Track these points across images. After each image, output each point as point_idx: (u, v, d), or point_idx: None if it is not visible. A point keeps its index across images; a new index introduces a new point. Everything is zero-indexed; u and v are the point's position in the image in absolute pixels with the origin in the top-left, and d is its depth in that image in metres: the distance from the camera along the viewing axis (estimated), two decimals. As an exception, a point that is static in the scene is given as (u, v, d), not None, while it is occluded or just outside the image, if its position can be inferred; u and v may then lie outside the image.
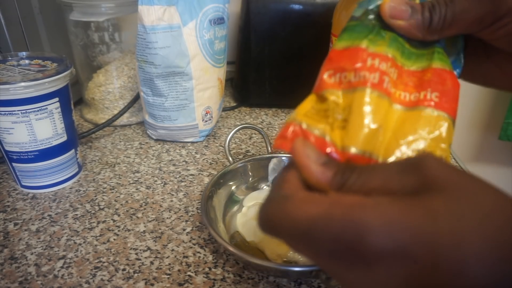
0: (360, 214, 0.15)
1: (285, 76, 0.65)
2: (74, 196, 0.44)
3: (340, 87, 0.22)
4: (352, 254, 0.16)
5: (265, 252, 0.35)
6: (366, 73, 0.21)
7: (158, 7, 0.46)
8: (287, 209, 0.18)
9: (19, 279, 0.33)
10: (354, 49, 0.22)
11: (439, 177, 0.16)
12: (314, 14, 0.60)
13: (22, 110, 0.39)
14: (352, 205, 0.16)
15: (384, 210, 0.15)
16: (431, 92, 0.22)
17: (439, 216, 0.15)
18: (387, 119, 0.21)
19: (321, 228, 0.16)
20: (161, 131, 0.55)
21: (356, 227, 0.15)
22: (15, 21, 0.52)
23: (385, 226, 0.15)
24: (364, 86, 0.21)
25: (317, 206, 0.17)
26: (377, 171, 0.18)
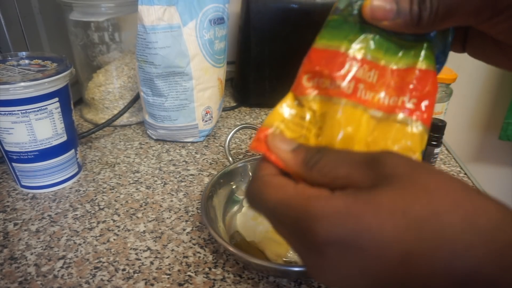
0: (313, 205, 0.17)
1: (285, 76, 0.65)
2: (74, 196, 0.44)
3: (317, 92, 0.22)
4: (306, 239, 0.17)
5: (265, 252, 0.35)
6: (341, 83, 0.21)
7: (158, 7, 0.46)
8: (260, 190, 0.20)
9: (19, 279, 0.33)
10: (333, 52, 0.22)
11: (395, 173, 0.17)
12: (314, 14, 0.60)
13: (22, 110, 0.39)
14: (309, 196, 0.18)
15: (334, 203, 0.17)
16: (409, 98, 0.21)
17: (382, 210, 0.16)
18: (359, 129, 0.21)
19: (282, 212, 0.19)
20: (161, 131, 0.55)
21: (308, 216, 0.17)
22: (15, 21, 0.52)
23: (331, 217, 0.16)
24: (339, 97, 0.21)
25: (282, 192, 0.19)
26: (343, 161, 0.19)
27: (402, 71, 0.22)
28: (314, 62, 0.22)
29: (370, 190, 0.17)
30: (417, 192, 0.16)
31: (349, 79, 0.21)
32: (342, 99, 0.21)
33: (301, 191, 0.19)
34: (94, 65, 0.60)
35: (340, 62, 0.22)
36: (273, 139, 0.22)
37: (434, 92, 0.22)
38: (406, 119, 0.21)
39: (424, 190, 0.16)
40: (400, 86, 0.22)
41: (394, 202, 0.16)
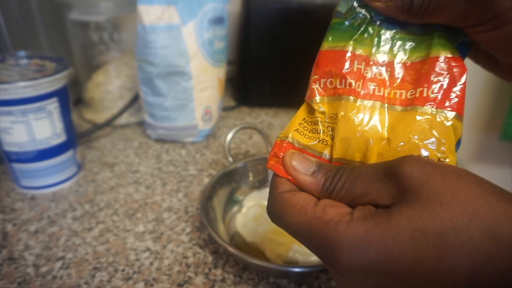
0: (333, 231, 0.17)
1: (285, 76, 0.65)
2: (73, 197, 0.43)
3: (326, 94, 0.22)
4: (329, 262, 0.18)
5: (265, 253, 0.34)
6: (352, 81, 0.21)
7: (158, 7, 0.46)
8: (281, 210, 0.20)
9: (18, 279, 0.32)
10: (340, 52, 0.22)
11: (411, 186, 0.17)
12: (314, 14, 0.60)
13: (21, 110, 0.39)
14: (329, 221, 0.18)
15: (354, 230, 0.17)
16: (427, 88, 0.20)
17: (402, 233, 0.16)
18: (377, 126, 0.21)
19: (304, 235, 0.19)
20: (160, 131, 0.54)
21: (328, 243, 0.17)
22: (14, 21, 0.52)
23: (352, 245, 0.17)
24: (349, 95, 0.21)
25: (302, 215, 0.19)
26: (360, 178, 0.19)
27: (416, 64, 0.21)
28: (321, 64, 0.22)
29: (389, 211, 0.17)
30: (434, 208, 0.16)
31: (359, 76, 0.21)
32: (351, 96, 0.21)
33: (320, 214, 0.18)
34: (93, 65, 0.59)
35: (346, 60, 0.21)
36: (290, 160, 0.21)
37: (460, 76, 0.20)
38: (430, 110, 0.20)
39: (441, 204, 0.16)
40: (416, 78, 0.21)
41: (412, 223, 0.16)
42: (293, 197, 0.20)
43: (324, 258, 0.18)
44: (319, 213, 0.18)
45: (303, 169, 0.21)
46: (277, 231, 0.37)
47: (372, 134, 0.21)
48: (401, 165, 0.17)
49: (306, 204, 0.19)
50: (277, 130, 0.60)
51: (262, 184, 0.43)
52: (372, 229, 0.17)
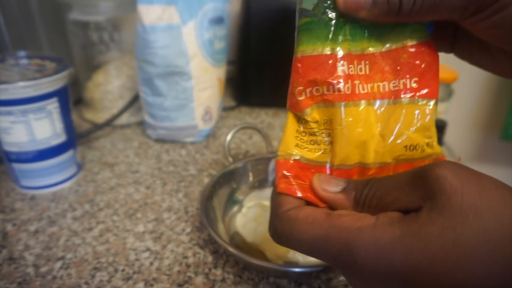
0: (354, 237, 0.17)
1: (285, 76, 0.64)
2: (73, 197, 0.43)
3: (314, 101, 0.21)
4: (349, 270, 0.17)
5: (265, 253, 0.34)
6: (339, 86, 0.20)
7: (158, 7, 0.46)
8: (290, 229, 0.19)
9: (18, 279, 0.32)
10: (320, 56, 0.21)
11: (443, 190, 0.16)
12: (314, 13, 0.60)
13: (21, 110, 0.39)
14: (349, 227, 0.17)
15: (379, 236, 0.16)
16: (410, 78, 0.21)
17: (432, 243, 0.15)
18: (370, 126, 0.21)
19: (320, 248, 0.18)
20: (160, 131, 0.54)
21: (350, 250, 0.17)
22: (14, 20, 0.52)
23: (376, 253, 0.16)
24: (340, 101, 0.21)
25: (317, 227, 0.18)
26: (391, 185, 0.18)
27: (392, 52, 0.21)
28: (303, 73, 0.21)
29: (418, 216, 0.16)
30: (467, 218, 0.15)
31: (344, 79, 0.21)
32: (342, 103, 0.21)
33: (337, 223, 0.18)
34: (93, 65, 0.59)
35: (330, 65, 0.21)
36: (319, 183, 0.20)
37: (434, 61, 0.21)
38: (413, 100, 0.21)
39: (474, 215, 0.15)
40: (395, 68, 0.21)
41: (443, 232, 0.15)
42: (300, 213, 0.19)
43: (345, 267, 0.17)
44: (336, 221, 0.18)
45: (333, 189, 0.20)
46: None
47: (367, 134, 0.21)
48: (434, 168, 0.16)
49: (317, 216, 0.18)
50: (277, 130, 0.60)
51: (262, 184, 0.43)
52: (399, 237, 0.16)
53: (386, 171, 0.21)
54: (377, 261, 0.16)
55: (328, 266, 0.30)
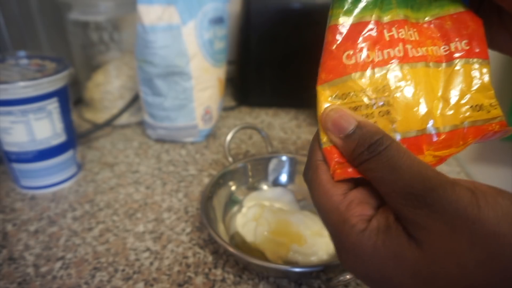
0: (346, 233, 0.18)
1: (285, 76, 0.65)
2: (73, 197, 0.43)
3: (364, 69, 0.20)
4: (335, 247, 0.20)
5: (265, 253, 0.34)
6: (389, 50, 0.20)
7: (158, 7, 0.46)
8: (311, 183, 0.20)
9: (18, 279, 0.32)
10: (366, 23, 0.20)
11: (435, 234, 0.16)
12: (314, 14, 0.60)
13: (21, 110, 0.39)
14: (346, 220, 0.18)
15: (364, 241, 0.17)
16: (459, 41, 0.21)
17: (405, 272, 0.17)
18: (431, 87, 0.20)
19: (321, 215, 0.19)
20: (160, 131, 0.54)
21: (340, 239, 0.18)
22: (14, 21, 0.52)
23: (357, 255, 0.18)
24: (393, 64, 0.20)
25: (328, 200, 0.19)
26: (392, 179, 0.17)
27: (436, 21, 0.21)
28: (351, 37, 0.20)
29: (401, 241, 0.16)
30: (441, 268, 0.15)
31: (395, 42, 0.20)
32: (397, 65, 0.20)
33: (343, 208, 0.18)
34: (93, 65, 0.59)
35: (379, 31, 0.20)
36: (325, 118, 0.20)
37: (479, 27, 0.21)
38: (468, 61, 0.21)
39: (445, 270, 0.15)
40: (444, 34, 0.21)
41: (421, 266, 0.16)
42: (326, 173, 0.19)
43: (334, 242, 0.19)
44: (343, 206, 0.18)
45: (337, 131, 0.19)
46: (277, 231, 0.37)
47: (429, 96, 0.20)
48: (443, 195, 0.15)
49: (336, 188, 0.19)
50: (277, 130, 0.60)
51: (262, 184, 0.44)
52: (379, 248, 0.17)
53: (457, 136, 0.20)
54: (355, 262, 0.18)
55: (328, 266, 0.30)
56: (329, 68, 0.20)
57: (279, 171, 0.44)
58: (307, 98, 0.66)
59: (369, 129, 0.18)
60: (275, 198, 0.41)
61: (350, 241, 0.18)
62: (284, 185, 0.44)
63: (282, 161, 0.44)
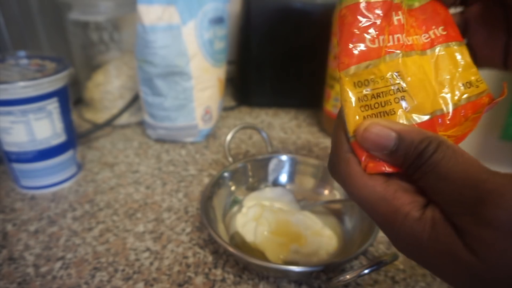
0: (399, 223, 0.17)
1: (285, 76, 0.65)
2: (73, 197, 0.43)
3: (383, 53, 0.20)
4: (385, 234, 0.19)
5: (265, 253, 0.34)
6: (399, 35, 0.20)
7: (158, 7, 0.46)
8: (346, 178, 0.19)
9: (18, 279, 0.32)
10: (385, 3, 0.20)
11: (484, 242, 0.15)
12: (314, 14, 0.60)
13: (21, 110, 0.39)
14: (399, 209, 0.17)
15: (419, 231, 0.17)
16: (436, 28, 0.22)
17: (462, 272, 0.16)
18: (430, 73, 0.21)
19: (368, 209, 0.19)
20: (160, 131, 0.54)
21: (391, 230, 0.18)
22: (14, 21, 0.52)
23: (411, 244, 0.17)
24: (401, 50, 0.20)
25: (371, 192, 0.18)
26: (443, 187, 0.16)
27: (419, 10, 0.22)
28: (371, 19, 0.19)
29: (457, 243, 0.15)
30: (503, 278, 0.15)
31: (399, 29, 0.21)
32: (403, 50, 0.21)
33: (390, 197, 0.18)
34: (93, 65, 0.59)
35: (390, 12, 0.20)
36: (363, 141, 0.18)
37: (447, 14, 0.23)
38: (448, 45, 0.22)
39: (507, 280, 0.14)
40: (423, 22, 0.22)
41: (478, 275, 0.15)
42: (359, 166, 0.19)
43: (386, 233, 0.18)
44: (390, 195, 0.17)
45: (379, 151, 0.18)
46: (277, 231, 0.37)
47: (429, 81, 0.21)
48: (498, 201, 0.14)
49: (375, 179, 0.18)
50: (277, 130, 0.60)
51: (262, 184, 0.44)
52: (434, 241, 0.16)
53: (459, 114, 0.21)
54: (409, 251, 0.17)
55: (328, 266, 0.30)
56: (352, 52, 0.19)
57: (279, 171, 0.44)
58: (307, 98, 0.66)
59: (413, 138, 0.17)
60: (275, 198, 0.41)
61: (405, 230, 0.17)
62: (284, 185, 0.44)
63: (282, 161, 0.44)
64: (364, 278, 0.33)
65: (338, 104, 0.54)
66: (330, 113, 0.56)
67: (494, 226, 0.14)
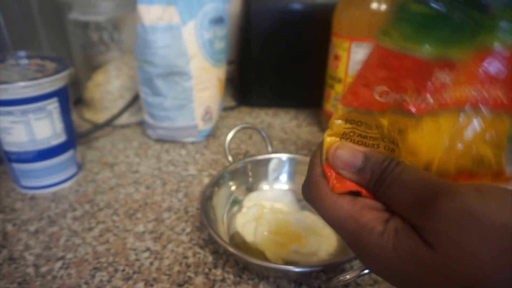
0: (365, 239, 0.18)
1: (285, 76, 0.65)
2: (73, 197, 0.43)
3: (390, 108, 0.18)
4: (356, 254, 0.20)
5: (265, 252, 0.34)
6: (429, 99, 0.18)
7: (158, 7, 0.46)
8: (316, 198, 0.20)
9: (18, 279, 0.32)
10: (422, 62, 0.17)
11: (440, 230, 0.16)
12: (314, 14, 0.60)
13: (21, 110, 0.39)
14: (364, 226, 0.18)
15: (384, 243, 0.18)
16: (491, 88, 0.18)
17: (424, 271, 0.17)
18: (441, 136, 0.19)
19: (337, 228, 0.20)
20: (160, 131, 0.54)
21: (359, 246, 0.19)
22: (15, 21, 0.52)
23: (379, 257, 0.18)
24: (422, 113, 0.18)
25: (339, 211, 0.19)
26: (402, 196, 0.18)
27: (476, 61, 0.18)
28: (396, 71, 0.17)
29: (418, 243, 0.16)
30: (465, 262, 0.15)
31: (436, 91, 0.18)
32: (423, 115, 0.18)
33: (357, 215, 0.19)
34: (93, 65, 0.59)
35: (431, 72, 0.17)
36: (333, 158, 0.20)
37: None
38: (496, 112, 0.18)
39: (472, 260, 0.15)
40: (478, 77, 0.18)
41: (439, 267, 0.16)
42: (328, 187, 0.20)
43: (354, 250, 0.19)
44: (356, 213, 0.19)
45: (348, 168, 0.20)
46: (277, 231, 0.37)
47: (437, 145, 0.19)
48: (445, 198, 0.16)
49: (342, 198, 0.19)
50: (277, 130, 0.60)
51: (262, 184, 0.44)
52: (398, 250, 0.17)
53: None
54: (378, 264, 0.18)
55: (328, 266, 0.30)
56: (357, 95, 0.19)
57: (279, 171, 0.44)
58: (307, 98, 0.66)
59: (376, 158, 0.19)
60: (275, 198, 0.41)
61: (370, 245, 0.18)
62: (284, 185, 0.44)
63: (282, 161, 0.44)
64: (364, 278, 0.33)
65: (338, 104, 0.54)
66: (330, 113, 0.56)
67: (445, 217, 0.15)
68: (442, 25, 0.16)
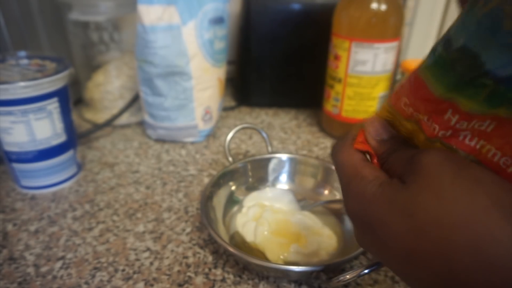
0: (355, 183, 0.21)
1: (285, 76, 0.65)
2: (73, 197, 0.43)
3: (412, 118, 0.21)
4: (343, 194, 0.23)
5: (265, 253, 0.34)
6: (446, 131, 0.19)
7: (158, 7, 0.46)
8: (339, 148, 0.24)
9: (18, 279, 0.32)
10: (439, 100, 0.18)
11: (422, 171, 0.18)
12: (314, 14, 0.60)
13: (21, 110, 0.39)
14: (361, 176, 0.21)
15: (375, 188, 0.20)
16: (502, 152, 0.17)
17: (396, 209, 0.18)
18: None
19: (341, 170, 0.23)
20: (160, 131, 0.54)
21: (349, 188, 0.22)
22: (14, 21, 0.52)
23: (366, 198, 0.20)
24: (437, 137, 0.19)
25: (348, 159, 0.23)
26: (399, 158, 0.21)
27: None
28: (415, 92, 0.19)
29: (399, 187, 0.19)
30: (431, 198, 0.17)
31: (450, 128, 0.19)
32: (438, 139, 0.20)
33: (360, 168, 0.22)
34: (93, 65, 0.59)
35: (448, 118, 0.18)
36: (369, 125, 0.24)
37: None
38: None
39: (438, 198, 0.16)
40: None
41: (407, 203, 0.18)
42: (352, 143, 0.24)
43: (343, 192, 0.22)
44: (360, 167, 0.22)
45: (374, 134, 0.23)
46: (277, 231, 0.37)
47: None
48: (427, 152, 0.18)
49: (358, 153, 0.23)
50: (277, 130, 0.60)
51: (262, 184, 0.44)
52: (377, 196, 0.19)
53: None
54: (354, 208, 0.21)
55: (328, 266, 0.30)
56: (394, 96, 0.22)
57: (279, 171, 0.44)
58: (307, 98, 0.66)
59: (400, 138, 0.23)
60: (275, 198, 0.41)
61: (356, 190, 0.21)
62: (284, 185, 0.44)
63: (282, 161, 0.44)
64: (364, 278, 0.33)
65: (338, 104, 0.54)
66: (330, 113, 0.56)
67: (421, 162, 0.18)
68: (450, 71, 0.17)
